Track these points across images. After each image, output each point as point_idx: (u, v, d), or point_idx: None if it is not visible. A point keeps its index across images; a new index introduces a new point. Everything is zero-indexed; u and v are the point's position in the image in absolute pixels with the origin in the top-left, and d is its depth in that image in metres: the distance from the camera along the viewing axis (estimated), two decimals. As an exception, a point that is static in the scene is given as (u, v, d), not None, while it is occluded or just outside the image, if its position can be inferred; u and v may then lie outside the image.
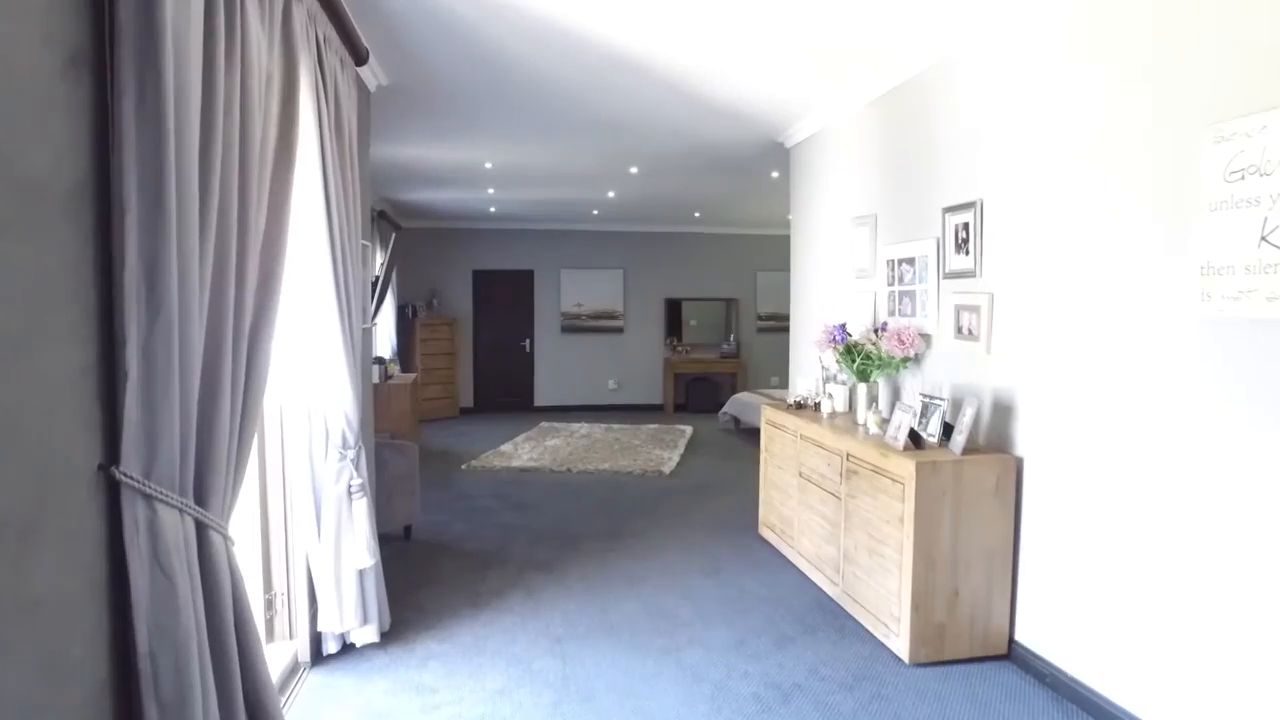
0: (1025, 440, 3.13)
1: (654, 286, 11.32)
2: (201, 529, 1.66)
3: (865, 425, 3.85)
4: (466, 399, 10.90)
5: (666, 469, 6.96)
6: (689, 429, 9.33)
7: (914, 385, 3.91)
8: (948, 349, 3.65)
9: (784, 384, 11.16)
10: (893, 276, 4.13)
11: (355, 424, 3.09)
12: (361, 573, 3.15)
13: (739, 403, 9.23)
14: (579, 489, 6.29)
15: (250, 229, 1.85)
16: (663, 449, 7.95)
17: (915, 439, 3.32)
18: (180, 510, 1.56)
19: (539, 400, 11.14)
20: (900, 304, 4.07)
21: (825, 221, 5.05)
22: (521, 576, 4.19)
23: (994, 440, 3.30)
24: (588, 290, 11.16)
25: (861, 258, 4.49)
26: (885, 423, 3.77)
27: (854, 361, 4.02)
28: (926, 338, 3.81)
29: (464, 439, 8.72)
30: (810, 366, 5.11)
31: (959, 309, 3.54)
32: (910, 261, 3.95)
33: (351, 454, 3.09)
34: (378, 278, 6.93)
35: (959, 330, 3.54)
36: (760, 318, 11.61)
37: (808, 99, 4.63)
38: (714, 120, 5.15)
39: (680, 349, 11.26)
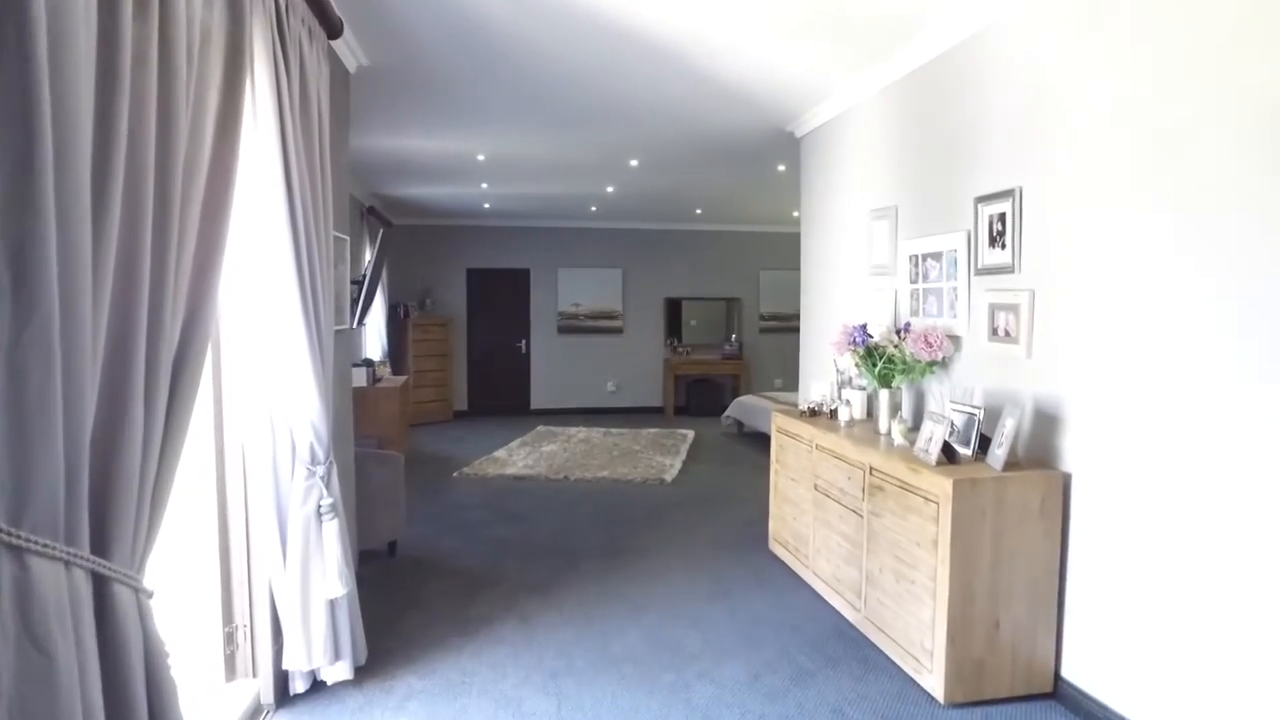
0: (1073, 454, 2.80)
1: (654, 286, 10.99)
2: (102, 583, 1.33)
3: (889, 436, 3.53)
4: (460, 402, 10.57)
5: (668, 477, 6.64)
6: (690, 433, 9.00)
7: (940, 391, 3.59)
8: (980, 352, 3.32)
9: (788, 386, 10.84)
10: (916, 273, 3.81)
11: (325, 437, 2.76)
12: (333, 603, 2.82)
13: (742, 406, 8.91)
14: (577, 499, 5.96)
15: (175, 214, 1.53)
16: (664, 455, 7.63)
17: (948, 452, 2.99)
18: (67, 563, 1.23)
19: (535, 403, 10.81)
20: (924, 303, 3.74)
21: (839, 215, 4.73)
22: (514, 600, 3.86)
23: (1035, 454, 2.97)
24: (586, 290, 10.83)
25: (880, 253, 4.16)
26: (912, 432, 3.45)
27: (875, 366, 3.70)
28: (955, 340, 3.48)
29: (457, 444, 8.39)
30: (824, 370, 4.79)
31: (993, 308, 3.21)
32: (936, 257, 3.62)
33: (321, 470, 2.76)
34: (365, 276, 6.60)
35: (993, 331, 3.22)
36: (763, 318, 11.29)
37: (822, 81, 4.31)
38: (720, 105, 4.83)
39: (681, 350, 10.94)
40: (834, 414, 4.15)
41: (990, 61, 3.24)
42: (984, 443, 3.01)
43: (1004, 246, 3.15)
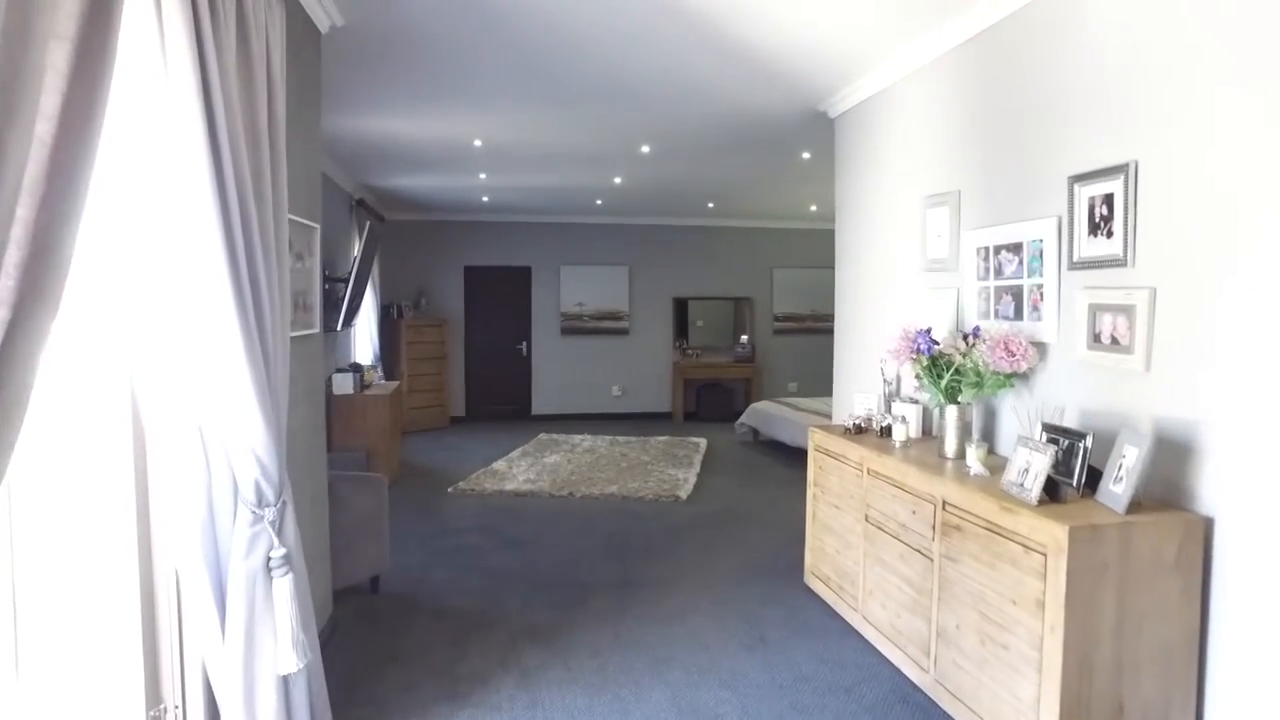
0: (1216, 494, 2.23)
1: (662, 284, 10.42)
2: None
3: (960, 461, 2.95)
4: (457, 407, 10.00)
5: (683, 493, 6.07)
6: (702, 441, 8.44)
7: (1020, 409, 3.02)
8: (1075, 362, 2.76)
9: (804, 391, 10.29)
10: (985, 268, 3.24)
11: (274, 471, 2.19)
12: (286, 679, 2.26)
13: (758, 413, 8.34)
14: (583, 520, 5.39)
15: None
16: (676, 467, 7.06)
17: (1050, 489, 2.43)
18: None
19: (537, 409, 10.24)
20: (997, 303, 3.18)
21: (884, 204, 4.16)
22: (514, 651, 3.29)
23: (1159, 492, 2.40)
24: (590, 288, 10.26)
25: (938, 246, 3.60)
26: (990, 457, 2.88)
27: (940, 378, 3.13)
28: (1040, 347, 2.91)
29: (452, 454, 7.82)
30: (865, 380, 4.22)
31: (1096, 310, 2.64)
32: (1014, 249, 3.06)
33: (271, 514, 2.19)
34: (351, 274, 6.03)
35: (1095, 338, 2.65)
36: (777, 318, 10.72)
37: (866, 50, 3.74)
38: (747, 81, 4.26)
39: (690, 352, 10.36)
40: (885, 432, 3.59)
41: (1088, 10, 2.67)
42: (1092, 477, 2.44)
43: (1110, 235, 2.58)
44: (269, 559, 2.19)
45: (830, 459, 3.75)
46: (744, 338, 10.48)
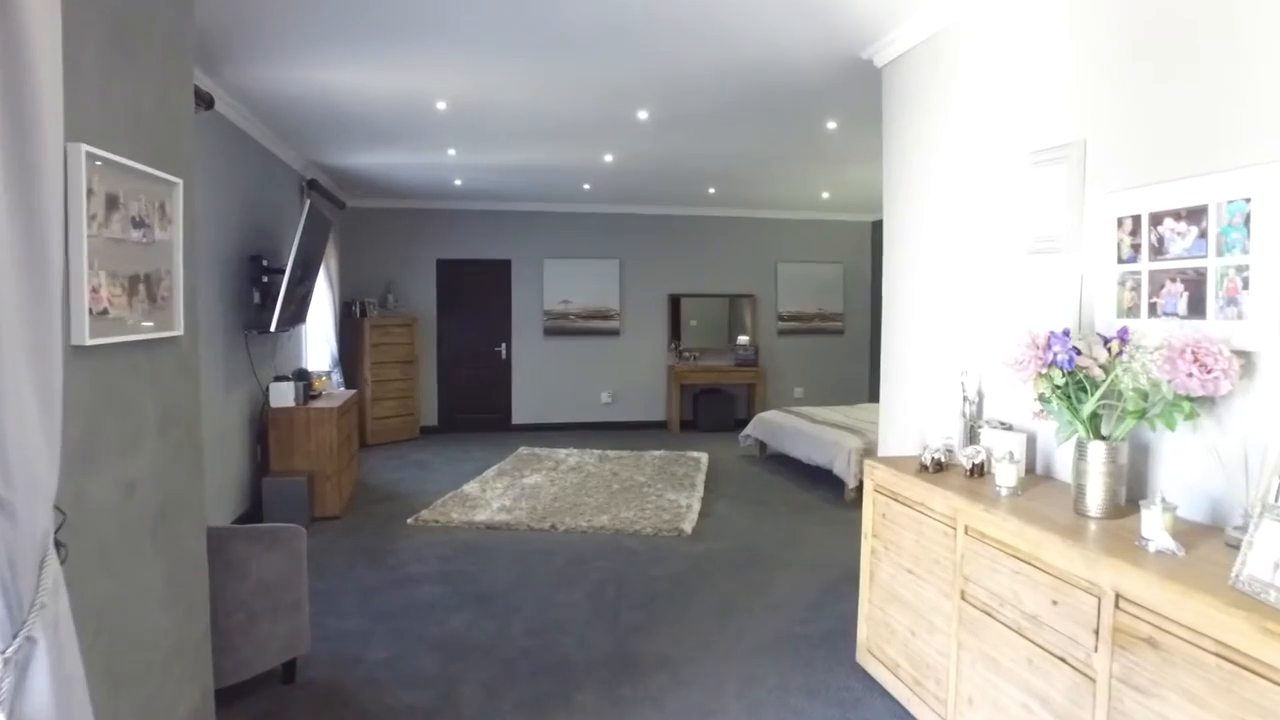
0: None
1: (656, 280, 9.45)
2: None
3: (1142, 533, 1.98)
4: (429, 416, 8.98)
5: (687, 525, 5.10)
6: (703, 456, 7.48)
7: (1222, 449, 2.08)
8: (1310, 383, 1.82)
9: (811, 398, 9.37)
10: (1134, 246, 2.30)
11: (7, 577, 1.21)
12: None
13: (766, 424, 7.39)
14: (568, 563, 4.42)
15: None
16: (676, 489, 6.09)
17: (1336, 595, 1.49)
18: None
19: (518, 417, 9.24)
20: (1155, 294, 2.24)
21: (956, 170, 3.22)
22: (468, 789, 2.32)
23: None
24: (576, 284, 9.27)
25: (1051, 218, 2.65)
26: (1178, 521, 1.93)
27: (1079, 400, 2.18)
28: (1244, 358, 1.97)
29: (419, 472, 6.83)
30: (930, 395, 3.28)
31: (1359, 303, 1.70)
32: (1192, 215, 2.11)
33: None
34: (289, 265, 5.03)
35: (1355, 346, 1.71)
36: (782, 317, 9.78)
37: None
38: (776, 17, 3.32)
39: (687, 355, 9.40)
40: (977, 471, 2.65)
41: None
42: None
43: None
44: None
45: (899, 505, 2.80)
46: (742, 339, 9.52)
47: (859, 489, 5.89)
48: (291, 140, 5.89)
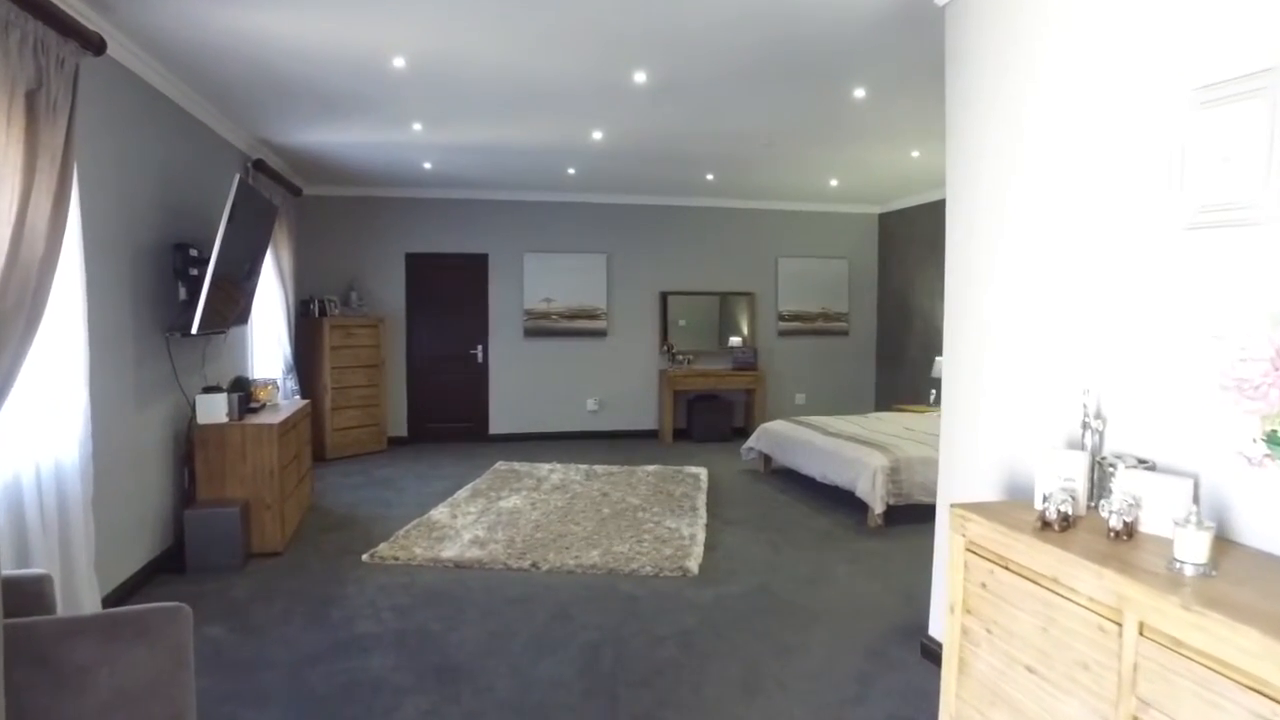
0: None
1: (647, 276, 8.67)
2: None
3: None
4: (397, 427, 8.14)
5: (693, 563, 4.32)
6: (702, 472, 6.71)
7: None
8: None
9: (813, 405, 8.65)
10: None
11: None
12: None
13: (771, 435, 6.64)
14: (552, 616, 3.63)
15: None
16: (676, 515, 5.31)
17: None
18: None
19: (495, 427, 8.42)
20: None
21: (1066, 118, 2.46)
22: None
23: None
24: (560, 281, 8.46)
25: (1230, 180, 1.90)
26: None
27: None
28: None
29: (382, 492, 6.00)
30: (1038, 424, 2.53)
31: None
32: None
33: None
34: (213, 255, 4.20)
35: None
36: (782, 317, 9.04)
37: None
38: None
39: (681, 358, 8.62)
40: (1127, 533, 1.89)
41: None
42: None
43: None
44: None
45: (1011, 575, 2.04)
46: (734, 339, 8.76)
47: (886, 514, 5.16)
48: (230, 113, 5.05)
